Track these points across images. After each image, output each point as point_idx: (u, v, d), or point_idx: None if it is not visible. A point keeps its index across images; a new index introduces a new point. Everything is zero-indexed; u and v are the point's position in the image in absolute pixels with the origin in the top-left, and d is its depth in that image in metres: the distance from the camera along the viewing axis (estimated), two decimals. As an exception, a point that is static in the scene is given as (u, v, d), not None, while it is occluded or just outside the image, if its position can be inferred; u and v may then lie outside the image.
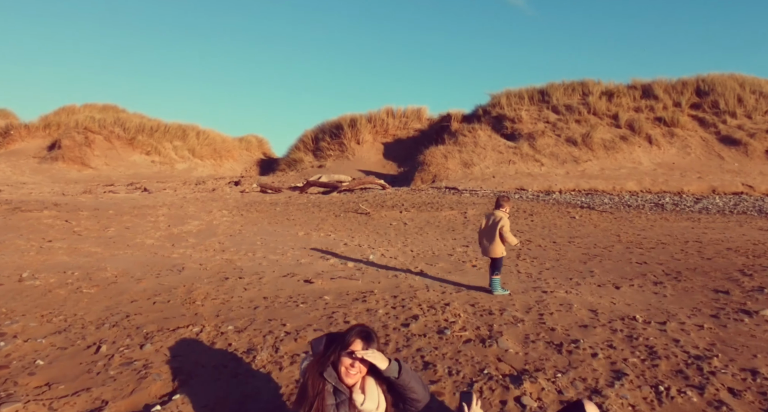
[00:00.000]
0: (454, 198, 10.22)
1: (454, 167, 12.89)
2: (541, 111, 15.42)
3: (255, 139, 30.45)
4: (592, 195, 11.11)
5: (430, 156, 13.28)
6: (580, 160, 12.88)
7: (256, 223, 7.36)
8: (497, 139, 13.81)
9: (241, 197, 10.85)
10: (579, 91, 16.26)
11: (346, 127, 20.82)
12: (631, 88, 16.41)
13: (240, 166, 23.22)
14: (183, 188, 13.06)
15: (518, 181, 12.00)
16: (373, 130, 20.96)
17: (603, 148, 13.28)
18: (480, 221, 4.25)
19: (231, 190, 12.65)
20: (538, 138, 13.75)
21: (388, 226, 7.24)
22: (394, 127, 21.11)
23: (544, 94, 16.54)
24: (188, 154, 18.97)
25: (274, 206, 9.30)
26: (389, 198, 10.22)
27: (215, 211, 8.33)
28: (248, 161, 24.99)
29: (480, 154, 13.25)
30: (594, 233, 6.61)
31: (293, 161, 20.42)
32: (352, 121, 21.17)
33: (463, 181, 12.31)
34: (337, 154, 20.34)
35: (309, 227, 7.14)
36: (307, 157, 20.84)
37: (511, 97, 16.91)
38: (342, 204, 9.38)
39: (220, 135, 22.89)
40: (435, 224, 7.44)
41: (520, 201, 10.12)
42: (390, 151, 20.36)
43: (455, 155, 13.20)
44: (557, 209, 8.98)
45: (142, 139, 17.63)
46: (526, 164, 12.85)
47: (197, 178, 16.00)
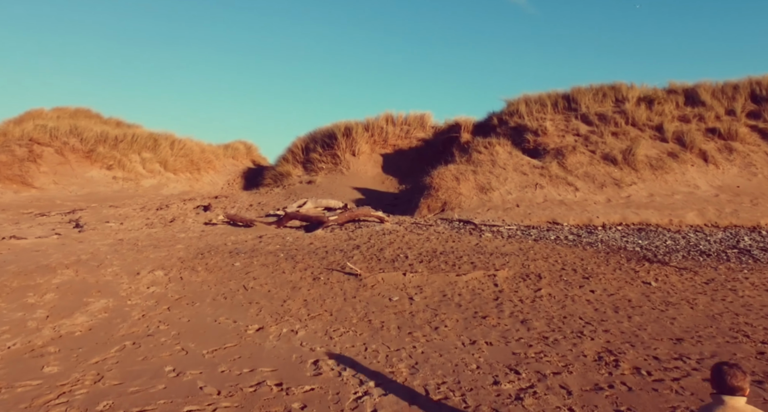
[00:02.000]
0: (472, 242, 7.82)
1: (468, 193, 10.49)
2: (569, 121, 13.03)
3: (243, 145, 28.10)
4: (645, 232, 8.71)
5: (439, 178, 10.88)
6: (622, 184, 10.48)
7: (195, 298, 4.96)
8: (519, 157, 11.42)
9: (200, 237, 8.48)
10: (611, 96, 13.87)
11: (339, 136, 18.43)
12: (671, 93, 14.01)
13: (222, 179, 20.84)
14: (136, 217, 10.66)
15: (549, 212, 9.61)
16: (371, 139, 18.58)
17: (649, 167, 10.89)
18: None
19: (194, 221, 10.27)
20: (569, 155, 11.36)
21: (386, 306, 4.86)
22: (395, 136, 18.73)
23: (570, 100, 14.14)
24: (159, 168, 16.59)
25: (234, 257, 6.91)
26: (388, 241, 7.84)
27: (147, 270, 5.94)
28: (233, 172, 22.61)
29: (499, 176, 10.85)
30: (700, 323, 4.22)
31: (280, 176, 18.03)
32: (347, 129, 18.78)
33: (480, 212, 9.92)
34: (329, 168, 17.95)
35: (271, 307, 4.74)
36: (296, 170, 18.45)
37: (530, 103, 14.50)
38: (326, 254, 6.99)
39: (199, 144, 20.48)
40: (454, 300, 5.07)
41: (557, 244, 7.74)
42: (390, 163, 17.97)
43: (469, 177, 10.80)
44: (616, 264, 6.58)
45: (103, 151, 15.25)
46: (557, 189, 10.45)
47: (163, 200, 13.61)
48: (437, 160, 16.09)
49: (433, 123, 19.47)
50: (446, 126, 18.45)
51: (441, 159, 15.66)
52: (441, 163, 15.05)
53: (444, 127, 18.99)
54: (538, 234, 8.53)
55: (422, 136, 18.76)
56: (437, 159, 16.23)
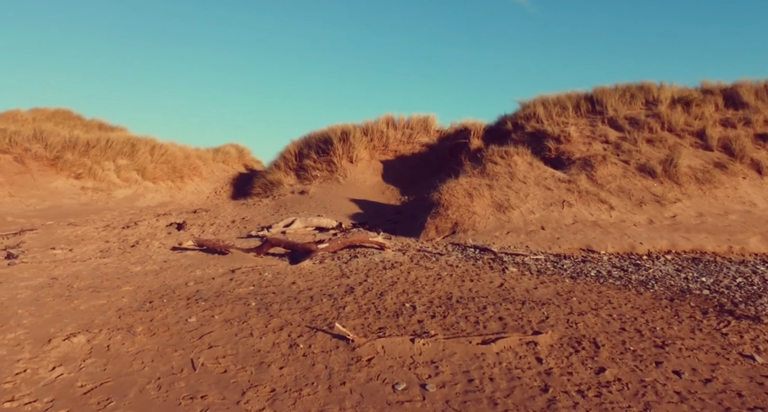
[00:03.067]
0: (495, 281, 6.23)
1: (483, 211, 8.91)
2: (595, 126, 11.46)
3: (234, 149, 26.57)
4: (703, 263, 7.13)
5: (449, 194, 9.30)
6: (664, 201, 8.90)
7: (114, 390, 3.07)
8: (541, 168, 9.85)
9: (159, 271, 6.89)
10: (640, 97, 12.30)
11: (335, 141, 16.87)
12: (708, 94, 12.44)
13: (209, 187, 19.27)
14: (94, 240, 9.08)
15: (582, 237, 8.03)
16: (370, 144, 17.02)
17: (694, 180, 9.32)
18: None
19: (160, 246, 8.68)
20: (598, 166, 9.79)
21: (388, 401, 3.30)
22: (396, 141, 17.17)
23: (594, 101, 12.57)
24: (136, 176, 15.01)
25: (191, 306, 5.32)
26: (390, 280, 6.25)
27: (65, 333, 4.30)
28: (222, 179, 21.05)
29: (519, 192, 9.26)
30: None
31: (270, 184, 16.46)
32: (344, 133, 17.23)
33: (498, 235, 8.34)
34: (324, 176, 16.39)
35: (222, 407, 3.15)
36: (288, 178, 16.89)
37: (548, 105, 12.93)
38: (310, 301, 5.37)
39: (183, 149, 18.90)
40: (485, 390, 3.46)
41: (601, 284, 6.16)
42: (391, 171, 16.40)
43: (484, 193, 9.22)
44: (691, 321, 4.99)
45: (71, 158, 13.67)
46: (588, 207, 8.87)
47: (134, 214, 12.03)
48: (443, 169, 14.51)
49: (438, 127, 17.93)
50: (453, 131, 16.89)
51: (448, 168, 14.09)
52: (448, 173, 13.49)
53: (450, 131, 17.45)
54: (574, 268, 6.95)
55: (426, 141, 17.20)
56: (443, 167, 14.65)
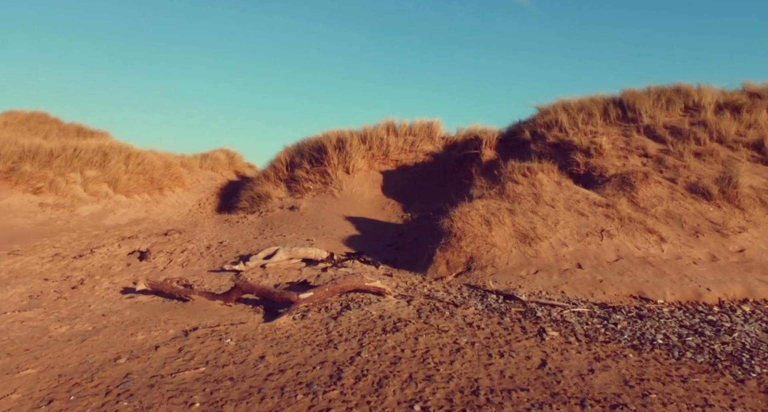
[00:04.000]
0: (533, 358, 4.61)
1: (504, 243, 7.30)
2: (629, 136, 9.87)
3: (224, 154, 24.98)
4: (793, 319, 5.52)
5: (462, 221, 7.67)
6: (726, 229, 7.29)
7: None
8: (571, 188, 8.24)
9: (86, 337, 5.25)
10: (678, 102, 10.70)
11: (330, 149, 15.26)
12: (755, 98, 10.84)
13: (193, 198, 17.65)
14: (27, 278, 7.45)
15: (630, 278, 6.41)
16: (369, 153, 15.41)
17: (759, 204, 7.72)
18: None
19: (108, 288, 7.07)
20: (639, 185, 8.19)
21: None
22: (397, 149, 15.56)
23: (625, 107, 10.97)
24: (106, 189, 13.42)
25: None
26: (392, 355, 4.63)
27: None
28: (208, 188, 19.44)
29: (547, 218, 7.64)
30: None
31: (257, 198, 14.84)
32: (340, 140, 15.62)
33: (525, 276, 6.73)
34: (317, 189, 14.77)
35: None
36: (278, 190, 15.27)
37: (571, 111, 11.32)
38: (279, 397, 3.73)
39: (164, 156, 17.28)
40: None
41: (678, 360, 4.54)
42: (392, 183, 14.79)
43: (504, 219, 7.60)
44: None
45: (29, 169, 12.08)
46: (633, 238, 7.25)
47: (95, 238, 10.43)
48: (450, 182, 12.87)
49: (444, 133, 16.31)
50: (461, 138, 15.28)
51: (456, 181, 12.47)
52: (456, 187, 11.88)
53: (456, 138, 15.83)
54: (631, 328, 5.33)
55: (430, 149, 15.59)
56: (450, 180, 13.01)
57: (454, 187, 12.72)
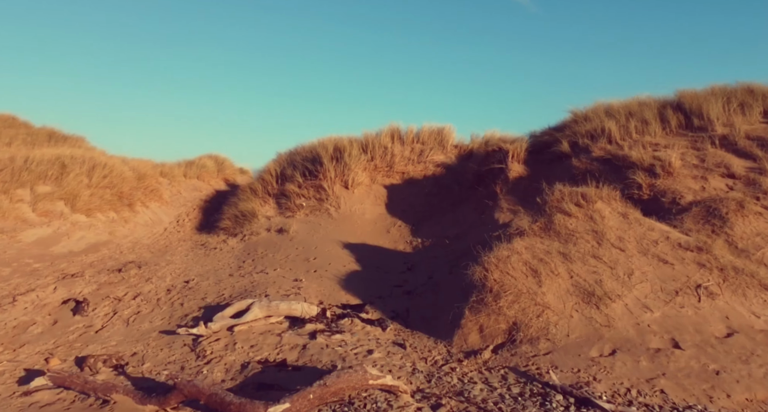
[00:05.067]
0: None
1: (559, 302, 5.26)
2: (701, 148, 7.83)
3: (212, 161, 22.88)
4: None
5: (500, 270, 5.60)
6: None
7: None
8: (643, 222, 6.17)
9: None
10: (756, 107, 8.63)
11: (326, 160, 13.20)
12: None
13: (172, 214, 15.59)
14: None
15: (764, 371, 4.35)
16: (371, 164, 13.36)
17: None
18: None
19: (11, 369, 5.07)
20: (734, 218, 6.16)
21: None
22: (404, 159, 13.51)
23: (687, 112, 8.93)
24: (62, 208, 11.40)
25: None
26: None
27: None
28: (191, 201, 17.38)
29: (617, 265, 5.59)
30: None
31: (242, 216, 12.79)
32: (337, 149, 13.57)
33: (596, 358, 4.68)
34: (311, 206, 12.71)
35: None
36: (265, 207, 13.21)
37: (618, 117, 9.29)
38: None
39: (138, 167, 15.21)
40: None
41: None
42: (398, 200, 12.74)
43: (557, 267, 5.56)
44: None
45: (-36, 188, 10.08)
46: (745, 298, 5.21)
47: (34, 271, 8.39)
48: (468, 200, 10.82)
49: (456, 141, 14.26)
50: (477, 147, 13.26)
51: (475, 199, 10.42)
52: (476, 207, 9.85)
53: (472, 147, 13.80)
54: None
55: (442, 160, 13.54)
56: (468, 198, 10.96)
57: (473, 207, 10.68)
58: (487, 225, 9.26)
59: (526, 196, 9.12)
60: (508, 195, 9.29)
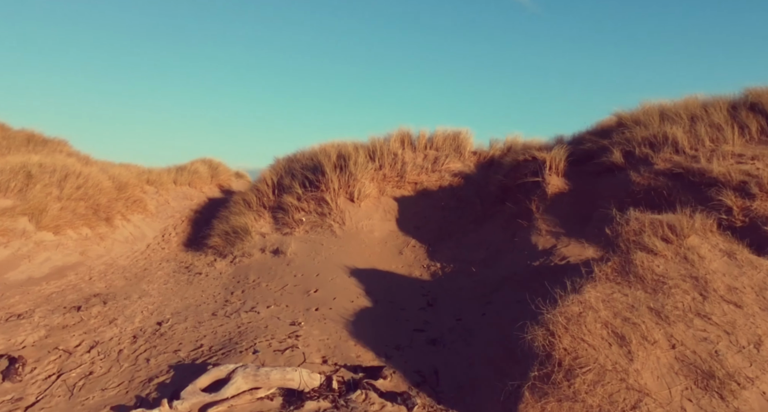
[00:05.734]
0: None
1: (659, 386, 3.74)
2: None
3: (206, 166, 21.34)
4: None
5: (570, 334, 4.07)
6: None
7: None
8: (758, 265, 4.67)
9: None
10: None
11: (329, 168, 11.67)
12: None
13: (157, 226, 14.07)
14: None
15: None
16: (379, 174, 11.83)
17: None
18: None
19: None
20: None
21: None
22: (416, 168, 11.97)
23: (765, 113, 7.40)
24: (25, 225, 9.89)
25: None
26: None
27: None
28: (180, 211, 15.86)
29: (735, 328, 4.09)
30: None
31: (233, 233, 11.26)
32: (341, 157, 12.05)
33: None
34: (312, 221, 11.20)
35: None
36: (260, 222, 11.69)
37: (676, 119, 7.76)
38: None
39: (119, 175, 13.66)
40: None
41: None
42: (411, 215, 11.20)
43: (650, 330, 4.03)
44: None
45: None
46: None
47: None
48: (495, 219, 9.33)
49: (475, 147, 12.73)
50: (501, 155, 11.75)
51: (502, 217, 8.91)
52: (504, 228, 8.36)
53: (492, 153, 12.29)
54: None
55: (459, 168, 12.00)
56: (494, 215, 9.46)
57: (500, 226, 9.14)
58: (522, 250, 7.73)
59: (570, 217, 7.59)
60: (547, 214, 7.76)
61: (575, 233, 7.14)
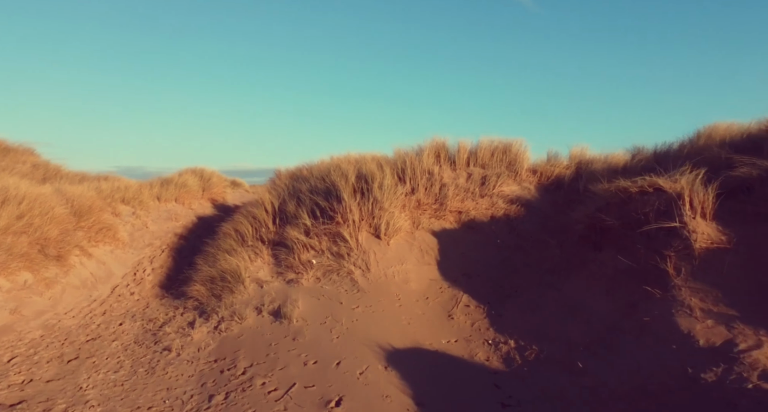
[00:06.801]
0: None
1: None
2: None
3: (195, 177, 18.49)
4: None
5: None
6: None
7: None
8: None
9: None
10: None
11: (347, 194, 8.97)
12: None
13: (129, 259, 11.34)
14: None
15: None
16: (410, 199, 9.11)
17: None
18: None
19: None
20: None
21: None
22: (458, 192, 9.24)
23: None
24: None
25: None
26: None
27: None
28: (161, 237, 13.16)
29: None
30: None
31: (219, 280, 8.53)
32: (362, 177, 9.35)
33: None
34: (326, 265, 8.47)
35: None
36: (255, 264, 8.97)
37: None
38: None
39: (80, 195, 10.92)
40: None
41: None
42: (456, 256, 8.44)
43: None
44: None
45: None
46: None
47: None
48: (583, 269, 6.53)
49: (531, 163, 10.03)
50: (571, 175, 9.02)
51: (598, 271, 6.14)
52: (607, 286, 5.52)
53: (557, 171, 9.58)
54: None
55: (515, 192, 9.28)
56: (581, 265, 6.67)
57: (601, 287, 6.38)
58: (664, 339, 5.02)
59: (742, 290, 4.86)
60: (697, 282, 5.06)
61: (762, 321, 4.42)
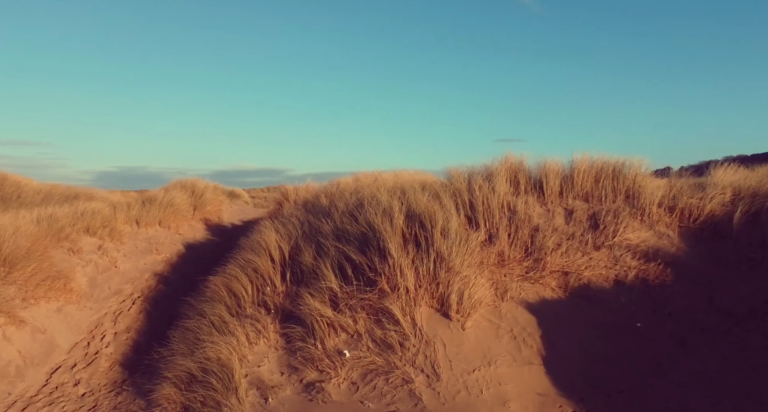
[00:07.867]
0: None
1: None
2: None
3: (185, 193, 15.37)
4: None
5: None
6: None
7: None
8: None
9: None
10: None
11: (394, 245, 5.84)
12: None
13: (85, 319, 8.32)
14: None
15: None
16: (487, 250, 6.00)
17: None
18: None
19: None
20: None
21: None
22: (559, 238, 6.17)
23: None
24: None
25: None
26: None
27: None
28: (134, 278, 10.14)
29: None
30: None
31: (201, 379, 5.47)
32: (413, 217, 6.28)
33: None
34: (366, 360, 5.36)
35: None
36: (256, 350, 6.11)
37: None
38: None
39: (23, 231, 8.01)
40: None
41: None
42: (570, 346, 5.29)
43: None
44: None
45: None
46: None
47: None
48: None
49: (660, 196, 6.96)
50: (719, 211, 5.93)
51: None
52: None
53: (710, 210, 6.44)
54: None
55: (645, 239, 6.29)
56: None
57: None
58: None
59: None
60: None
61: None
